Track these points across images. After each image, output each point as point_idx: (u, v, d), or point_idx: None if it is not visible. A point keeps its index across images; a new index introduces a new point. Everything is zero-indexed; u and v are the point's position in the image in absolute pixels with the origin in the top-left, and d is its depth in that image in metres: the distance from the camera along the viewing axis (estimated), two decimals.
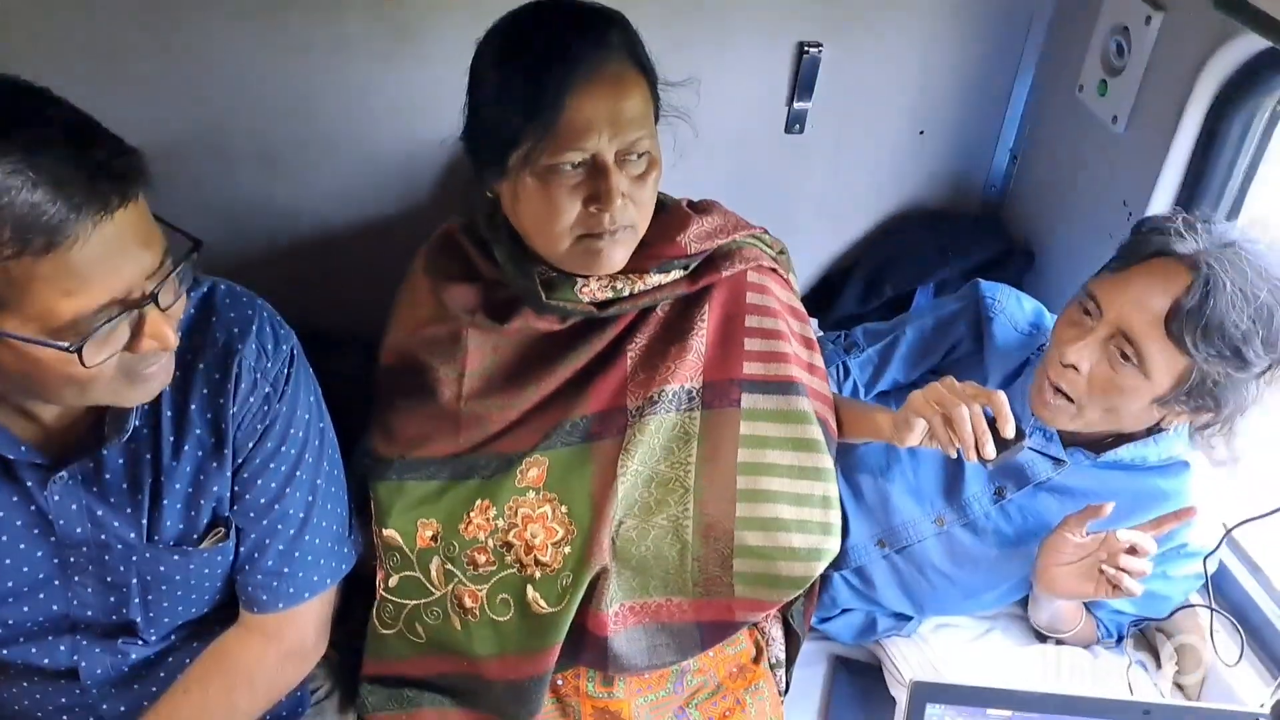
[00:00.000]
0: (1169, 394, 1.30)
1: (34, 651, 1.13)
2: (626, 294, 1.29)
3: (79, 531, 1.08)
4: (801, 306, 1.44)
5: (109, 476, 1.07)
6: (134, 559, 1.11)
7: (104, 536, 1.09)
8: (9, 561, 1.07)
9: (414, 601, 1.30)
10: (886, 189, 1.96)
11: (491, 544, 1.27)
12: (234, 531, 1.16)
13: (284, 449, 1.15)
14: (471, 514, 1.28)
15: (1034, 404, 1.40)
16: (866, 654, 1.66)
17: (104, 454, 1.06)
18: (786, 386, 1.32)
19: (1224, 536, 1.42)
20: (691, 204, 1.37)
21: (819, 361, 1.40)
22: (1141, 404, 1.32)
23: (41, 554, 1.08)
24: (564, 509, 1.27)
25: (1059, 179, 1.83)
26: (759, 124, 1.82)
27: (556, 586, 1.26)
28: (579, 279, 1.26)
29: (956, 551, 1.52)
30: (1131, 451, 1.42)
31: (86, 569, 1.10)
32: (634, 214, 1.20)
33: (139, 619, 1.15)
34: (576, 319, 1.30)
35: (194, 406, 1.09)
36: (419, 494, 1.30)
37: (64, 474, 1.04)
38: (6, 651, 1.12)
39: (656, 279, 1.29)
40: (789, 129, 1.83)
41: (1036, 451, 1.45)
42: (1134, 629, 1.59)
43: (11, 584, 1.08)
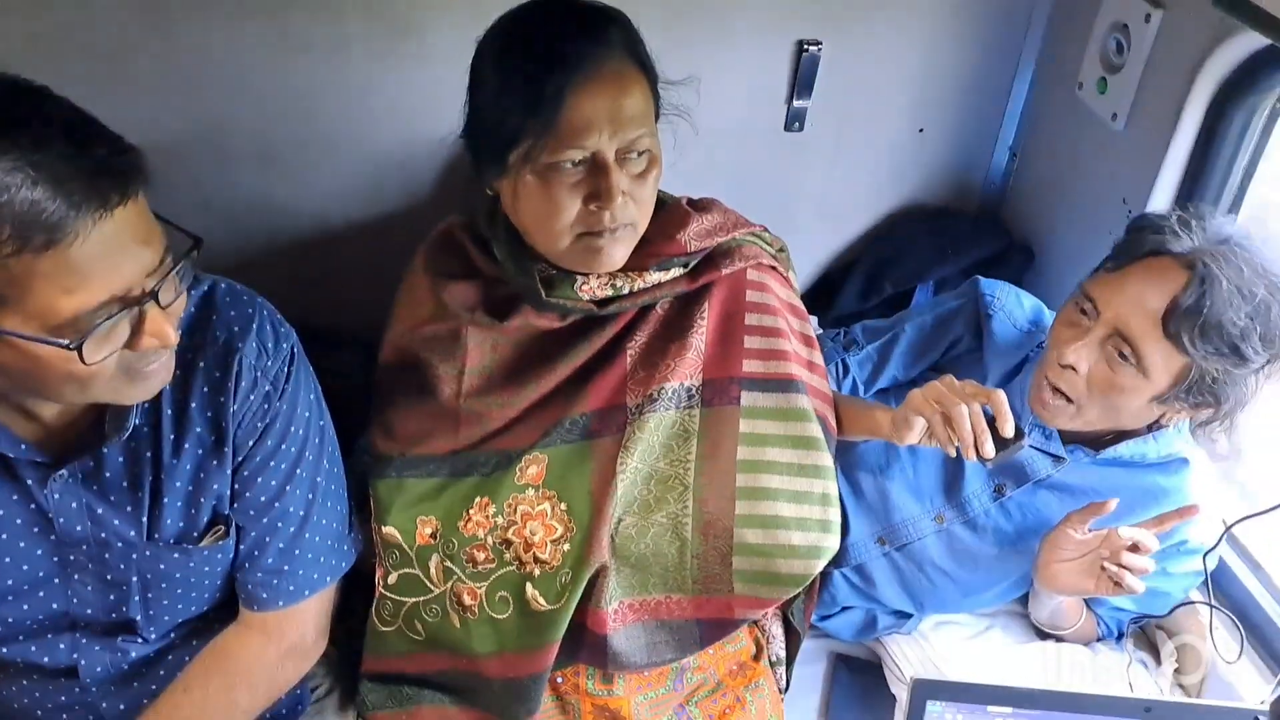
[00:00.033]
0: (1168, 392, 1.30)
1: (34, 650, 1.13)
2: (626, 292, 1.29)
3: (79, 530, 1.08)
4: (801, 304, 1.44)
5: (109, 475, 1.07)
6: (134, 557, 1.11)
7: (104, 535, 1.09)
8: (9, 560, 1.07)
9: (413, 599, 1.30)
10: (886, 187, 1.96)
11: (490, 541, 1.27)
12: (234, 530, 1.16)
13: (284, 447, 1.15)
14: (471, 511, 1.28)
15: (1033, 404, 1.40)
16: (867, 652, 1.66)
17: (104, 452, 1.06)
18: (786, 384, 1.32)
19: (1224, 533, 1.42)
20: (691, 202, 1.37)
21: (819, 359, 1.40)
22: (1141, 402, 1.32)
23: (41, 552, 1.08)
24: (563, 506, 1.27)
25: (1058, 177, 1.83)
26: (759, 122, 1.82)
27: (555, 584, 1.26)
28: (579, 276, 1.26)
29: (956, 549, 1.52)
30: (1131, 448, 1.42)
31: (86, 567, 1.10)
32: (634, 212, 1.20)
33: (139, 617, 1.15)
34: (576, 316, 1.30)
35: (194, 405, 1.09)
36: (418, 491, 1.30)
37: (64, 472, 1.04)
38: (6, 650, 1.12)
39: (656, 277, 1.29)
40: (789, 127, 1.83)
41: (1036, 449, 1.45)
42: (1134, 626, 1.59)
43: (11, 582, 1.08)
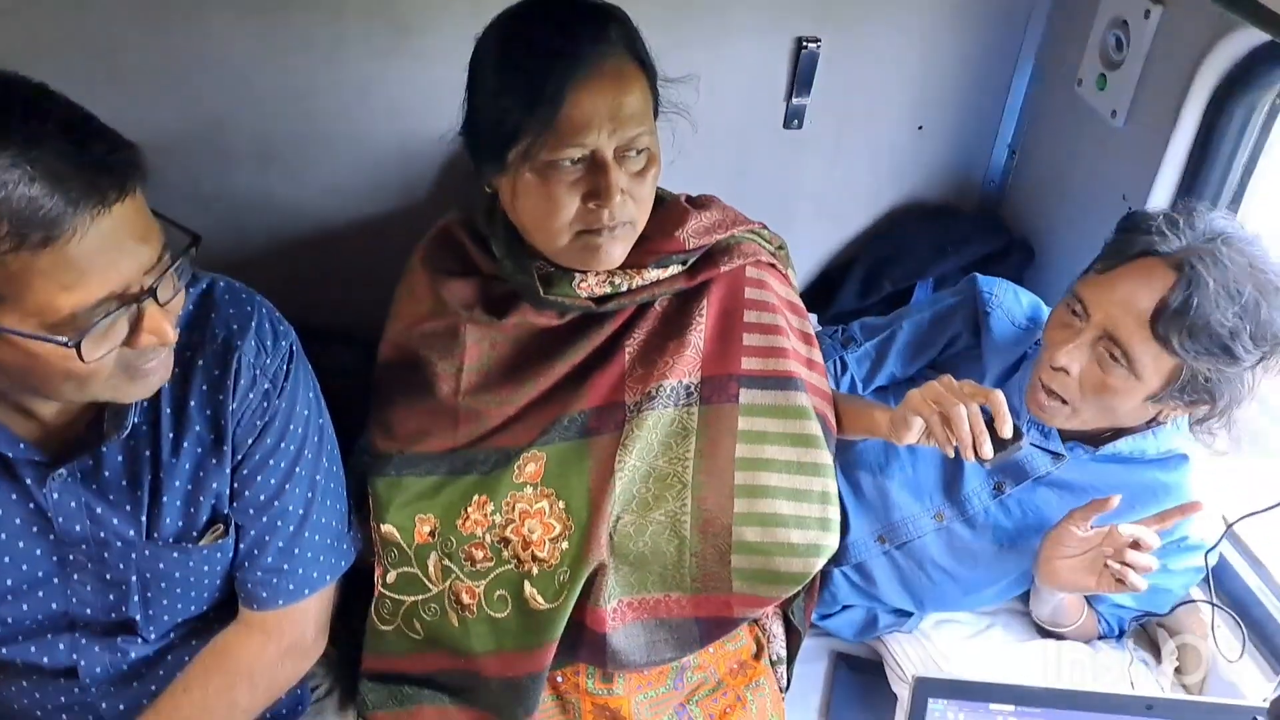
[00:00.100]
0: (1161, 391, 1.30)
1: (33, 650, 1.12)
2: (625, 289, 1.28)
3: (78, 529, 1.08)
4: (800, 302, 1.43)
5: (108, 473, 1.07)
6: (133, 556, 1.11)
7: (103, 534, 1.09)
8: (8, 559, 1.07)
9: (412, 597, 1.30)
10: (885, 184, 1.96)
11: (489, 540, 1.27)
12: (233, 528, 1.15)
13: (283, 445, 1.15)
14: (469, 509, 1.28)
15: (1029, 404, 1.40)
16: (868, 650, 1.66)
17: (103, 451, 1.06)
18: (785, 382, 1.32)
19: (1225, 531, 1.42)
20: (690, 199, 1.37)
21: (818, 357, 1.40)
22: (1135, 402, 1.32)
23: (40, 552, 1.08)
24: (561, 504, 1.27)
25: (1058, 174, 1.83)
26: (758, 119, 1.82)
27: (554, 582, 1.25)
28: (577, 274, 1.26)
29: (956, 547, 1.52)
30: (1130, 445, 1.42)
31: (86, 567, 1.10)
32: (633, 210, 1.19)
33: (138, 617, 1.14)
34: (574, 314, 1.29)
35: (193, 403, 1.09)
36: (417, 489, 1.30)
37: (63, 471, 1.04)
38: (5, 650, 1.12)
39: (655, 274, 1.29)
40: (788, 124, 1.83)
41: (1035, 446, 1.45)
42: (1135, 624, 1.59)
43: (10, 582, 1.08)
